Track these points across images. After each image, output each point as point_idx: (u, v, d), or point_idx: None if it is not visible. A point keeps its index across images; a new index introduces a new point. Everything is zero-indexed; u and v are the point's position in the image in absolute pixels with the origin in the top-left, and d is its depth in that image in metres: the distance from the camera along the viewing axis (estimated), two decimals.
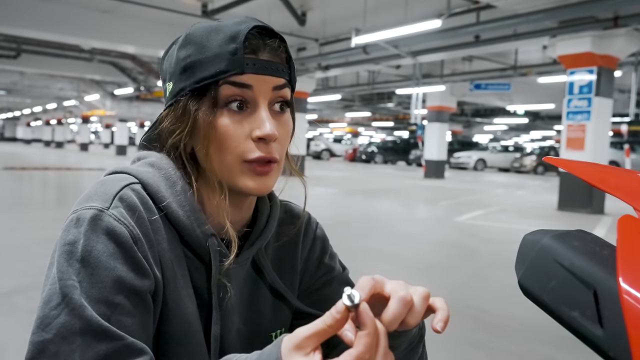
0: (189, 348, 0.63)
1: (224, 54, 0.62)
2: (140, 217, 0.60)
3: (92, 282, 0.54)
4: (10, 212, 6.85)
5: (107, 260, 0.55)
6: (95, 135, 53.95)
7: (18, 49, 15.04)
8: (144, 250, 0.59)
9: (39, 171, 14.20)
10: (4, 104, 36.85)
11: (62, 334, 0.51)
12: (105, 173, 0.67)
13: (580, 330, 0.38)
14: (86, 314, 0.52)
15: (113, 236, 0.56)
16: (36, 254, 4.31)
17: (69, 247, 0.55)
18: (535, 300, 0.42)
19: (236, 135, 0.63)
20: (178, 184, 0.65)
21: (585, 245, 0.41)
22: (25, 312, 2.94)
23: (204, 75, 0.62)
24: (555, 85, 14.67)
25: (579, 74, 8.51)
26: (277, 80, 0.65)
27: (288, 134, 0.68)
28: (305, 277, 0.81)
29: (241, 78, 0.62)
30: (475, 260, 4.99)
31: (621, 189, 0.46)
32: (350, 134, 40.77)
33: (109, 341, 0.52)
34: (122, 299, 0.55)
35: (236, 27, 0.63)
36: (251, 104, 0.64)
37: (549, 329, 2.96)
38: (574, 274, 0.39)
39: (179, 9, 10.33)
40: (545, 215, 8.37)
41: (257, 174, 0.64)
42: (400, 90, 16.36)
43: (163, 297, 0.61)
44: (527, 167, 21.69)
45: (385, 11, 9.72)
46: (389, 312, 0.49)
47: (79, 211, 0.58)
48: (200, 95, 0.63)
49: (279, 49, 0.65)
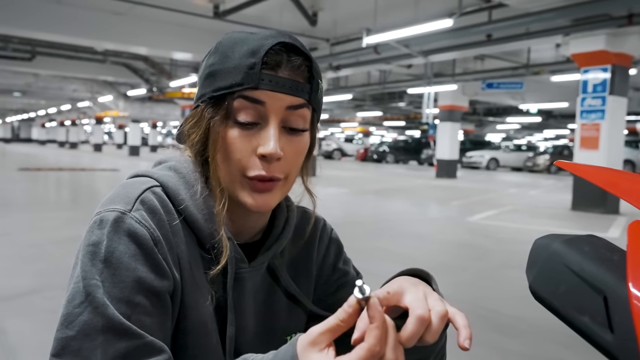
0: (205, 348, 0.65)
1: (242, 67, 0.62)
2: (160, 219, 0.62)
3: (114, 282, 0.56)
4: (26, 212, 6.94)
5: (128, 261, 0.57)
6: (109, 136, 54.44)
7: (33, 51, 15.24)
8: (164, 252, 0.61)
9: (54, 172, 14.36)
10: (19, 105, 37.31)
11: (85, 331, 0.53)
12: (128, 176, 0.69)
13: (590, 335, 0.38)
14: (108, 312, 0.54)
15: (134, 238, 0.58)
16: (51, 254, 4.36)
17: (93, 247, 0.57)
18: (545, 304, 0.43)
19: (241, 149, 0.63)
20: (197, 188, 0.66)
21: (595, 250, 0.42)
22: (41, 312, 2.98)
23: (221, 85, 0.63)
24: (568, 84, 14.51)
25: (593, 72, 8.41)
26: (292, 100, 0.64)
27: (299, 153, 0.67)
28: (320, 282, 0.82)
29: (255, 93, 0.62)
30: (487, 260, 4.96)
31: (632, 194, 0.47)
32: (361, 133, 40.68)
33: (129, 339, 0.54)
34: (142, 299, 0.57)
35: (261, 42, 0.63)
36: (262, 120, 0.64)
37: (561, 330, 2.93)
38: (584, 279, 0.39)
39: (190, 10, 10.39)
40: (559, 215, 8.29)
41: (256, 191, 0.64)
42: (412, 89, 16.27)
43: (181, 297, 0.63)
44: (540, 166, 21.47)
45: (396, 11, 9.69)
46: (406, 330, 0.49)
47: (102, 213, 0.60)
48: (216, 105, 0.64)
49: (301, 67, 0.64)
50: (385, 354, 0.46)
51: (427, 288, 0.56)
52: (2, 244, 4.80)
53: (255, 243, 0.73)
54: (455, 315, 0.53)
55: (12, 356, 2.43)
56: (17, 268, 3.97)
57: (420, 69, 14.46)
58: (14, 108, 41.79)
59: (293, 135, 0.66)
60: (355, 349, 0.45)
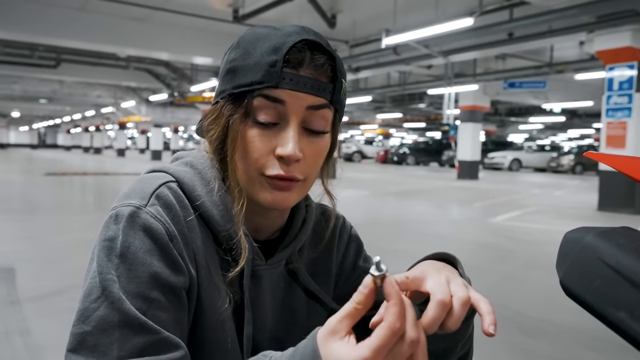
0: (222, 346, 0.64)
1: (263, 65, 0.60)
2: (176, 215, 0.61)
3: (129, 277, 0.55)
4: (52, 216, 7.09)
5: (144, 256, 0.56)
6: (132, 141, 55.34)
7: (58, 58, 15.59)
8: (179, 248, 0.60)
9: (79, 176, 14.65)
10: (45, 112, 38.18)
11: (101, 326, 0.53)
12: (144, 171, 0.68)
13: (627, 332, 0.36)
14: (124, 307, 0.53)
15: (150, 233, 0.58)
16: (76, 256, 4.44)
17: (109, 242, 0.57)
18: (577, 300, 0.40)
19: (260, 148, 0.62)
20: (213, 184, 0.65)
21: (631, 242, 0.40)
22: (66, 313, 3.03)
23: (241, 82, 0.62)
24: (593, 82, 14.24)
25: (618, 69, 8.24)
26: (313, 99, 0.62)
27: (319, 155, 0.66)
28: (341, 280, 0.81)
29: (275, 92, 0.61)
30: (511, 261, 4.88)
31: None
32: (381, 135, 40.57)
33: (146, 334, 0.53)
34: (158, 295, 0.56)
35: (283, 39, 0.61)
36: (282, 120, 0.62)
37: (586, 332, 2.87)
38: (620, 272, 0.37)
39: (210, 15, 10.50)
40: (585, 215, 8.12)
41: (275, 188, 0.63)
42: (432, 90, 16.15)
43: (197, 294, 0.62)
44: (565, 166, 21.11)
45: (416, 11, 9.64)
46: (427, 315, 0.48)
47: (117, 208, 0.59)
48: (236, 102, 0.63)
49: (324, 66, 0.62)
50: (406, 331, 0.44)
51: (452, 273, 0.54)
52: (29, 246, 4.91)
53: (273, 241, 0.72)
54: (479, 302, 0.51)
55: (37, 356, 2.47)
56: (43, 270, 4.05)
57: (441, 70, 14.35)
58: (40, 115, 42.79)
59: (313, 137, 0.64)
60: (375, 330, 0.44)
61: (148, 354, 0.53)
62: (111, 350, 0.52)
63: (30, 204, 8.32)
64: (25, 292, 3.45)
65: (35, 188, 11.07)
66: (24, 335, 2.71)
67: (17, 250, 4.68)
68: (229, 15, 10.21)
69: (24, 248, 4.82)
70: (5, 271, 3.93)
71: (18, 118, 47.29)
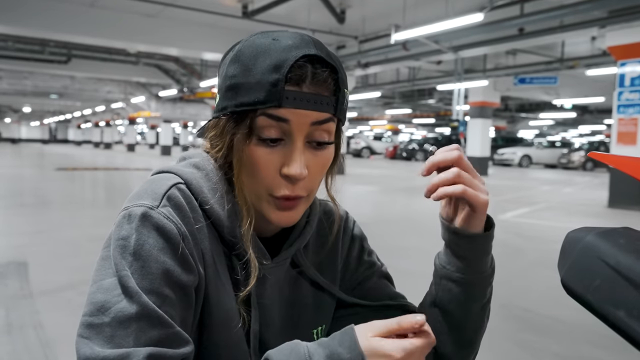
0: (229, 343, 0.65)
1: (265, 83, 0.60)
2: (186, 215, 0.62)
3: (143, 274, 0.57)
4: (63, 210, 7.16)
5: (157, 254, 0.58)
6: (141, 136, 55.65)
7: (69, 54, 15.71)
8: (190, 247, 0.61)
9: (89, 171, 14.77)
10: (57, 107, 38.51)
11: (119, 318, 0.54)
12: (152, 172, 0.69)
13: (626, 331, 0.36)
14: (143, 300, 0.55)
15: (163, 232, 0.59)
16: (86, 251, 4.49)
17: (123, 241, 0.58)
18: (578, 299, 0.41)
19: (266, 167, 0.63)
20: (220, 186, 0.67)
21: (632, 243, 0.40)
22: (77, 307, 3.07)
23: (244, 100, 0.61)
24: (605, 78, 14.10)
25: (630, 65, 8.14)
26: (317, 115, 0.62)
27: (324, 166, 0.67)
28: (347, 275, 0.82)
29: (279, 111, 0.60)
30: (520, 259, 4.86)
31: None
32: (390, 131, 40.45)
33: (162, 328, 0.55)
34: (170, 292, 0.58)
35: (284, 54, 0.60)
36: (286, 136, 0.63)
37: (596, 330, 2.86)
38: (620, 272, 0.38)
39: (219, 11, 10.52)
40: (595, 213, 8.06)
41: (281, 208, 0.65)
42: (442, 86, 16.08)
43: (205, 292, 0.63)
44: (575, 163, 20.94)
45: (425, 6, 9.59)
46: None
47: (130, 208, 0.61)
48: (239, 120, 0.63)
49: (327, 80, 0.62)
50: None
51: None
52: (40, 240, 4.97)
53: (276, 236, 0.74)
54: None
55: (50, 350, 2.51)
56: (54, 264, 4.10)
57: (450, 65, 14.28)
58: (51, 110, 43.17)
59: (318, 150, 0.65)
60: (416, 336, 0.55)
61: (162, 347, 0.54)
62: (127, 343, 0.53)
63: (42, 199, 8.40)
64: (38, 285, 3.49)
65: (46, 183, 11.18)
66: (37, 328, 2.75)
67: (29, 245, 4.74)
68: (239, 11, 10.22)
69: (36, 242, 4.88)
70: (17, 265, 3.99)
71: (29, 113, 47.73)
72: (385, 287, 0.83)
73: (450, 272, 0.69)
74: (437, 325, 0.71)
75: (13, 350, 2.49)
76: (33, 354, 2.45)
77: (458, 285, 0.69)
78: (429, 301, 0.74)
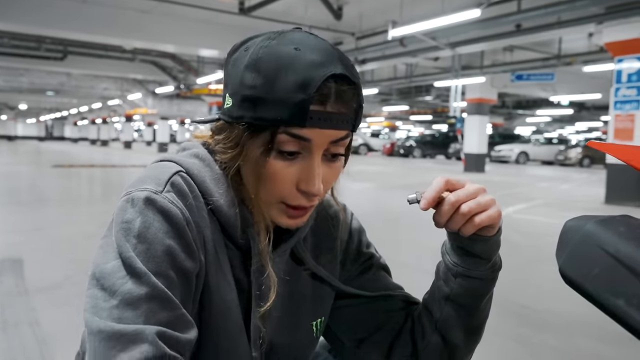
0: (228, 334, 0.65)
1: (289, 102, 0.58)
2: (189, 203, 0.62)
3: (148, 256, 0.56)
4: (59, 207, 7.14)
5: (162, 237, 0.57)
6: (138, 133, 55.52)
7: (64, 51, 15.65)
8: (194, 234, 0.61)
9: (86, 168, 14.73)
10: (53, 104, 38.39)
11: (127, 300, 0.53)
12: (153, 161, 0.69)
13: (625, 319, 0.36)
14: (152, 280, 0.54)
15: (168, 216, 0.58)
16: (83, 248, 4.47)
17: (126, 224, 0.57)
18: (576, 287, 0.40)
19: (283, 180, 0.63)
20: (221, 177, 0.67)
21: (632, 231, 0.40)
22: (74, 304, 3.05)
23: (264, 116, 0.60)
24: (602, 74, 14.13)
25: (627, 61, 8.15)
26: (338, 134, 0.62)
27: (336, 176, 0.68)
28: (345, 266, 0.83)
29: (301, 131, 0.60)
30: (517, 254, 4.87)
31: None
32: (387, 128, 40.45)
33: (171, 310, 0.55)
34: (174, 275, 0.57)
35: (310, 72, 0.58)
36: (304, 150, 0.62)
37: (595, 324, 2.86)
38: (620, 260, 0.37)
39: (216, 7, 10.48)
40: (591, 209, 8.08)
41: (292, 216, 0.66)
42: (439, 82, 16.08)
43: (205, 280, 0.63)
44: (572, 159, 20.98)
45: (422, 2, 9.58)
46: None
47: (133, 192, 0.60)
48: (256, 132, 0.62)
49: (351, 99, 0.62)
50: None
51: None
52: (36, 237, 4.95)
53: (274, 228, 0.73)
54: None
55: (46, 347, 2.50)
56: (50, 261, 4.08)
57: (448, 62, 14.27)
58: (47, 107, 43.02)
59: (332, 162, 0.66)
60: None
61: (171, 328, 0.54)
62: (137, 324, 0.52)
63: (38, 196, 8.38)
64: (33, 283, 3.48)
65: (42, 180, 11.14)
66: (33, 325, 2.74)
67: (25, 242, 4.72)
68: (235, 7, 10.19)
69: (32, 239, 4.86)
70: (13, 262, 3.97)
71: (25, 110, 47.56)
72: (384, 278, 0.84)
73: (466, 270, 0.72)
74: (451, 319, 0.74)
75: (8, 347, 2.48)
76: (29, 352, 2.44)
77: (477, 281, 0.72)
78: (440, 297, 0.75)
